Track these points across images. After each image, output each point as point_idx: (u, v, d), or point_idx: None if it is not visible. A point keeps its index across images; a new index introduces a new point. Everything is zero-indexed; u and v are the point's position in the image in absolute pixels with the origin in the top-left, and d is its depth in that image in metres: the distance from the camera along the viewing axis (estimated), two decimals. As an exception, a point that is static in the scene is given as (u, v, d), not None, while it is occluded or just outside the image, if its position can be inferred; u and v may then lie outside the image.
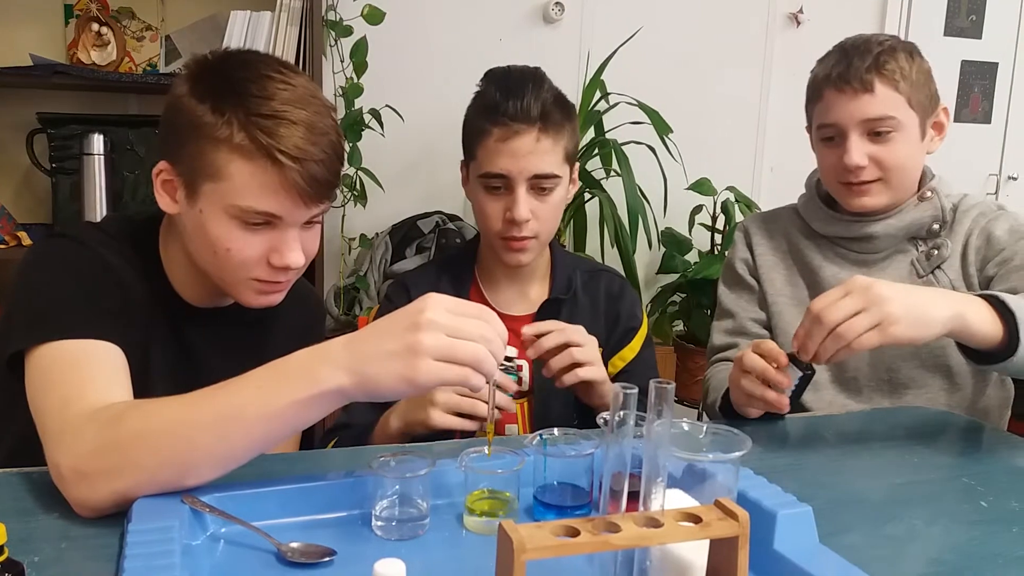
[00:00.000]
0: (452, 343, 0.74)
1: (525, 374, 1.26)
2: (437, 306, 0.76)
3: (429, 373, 0.74)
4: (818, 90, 1.33)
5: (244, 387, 0.78)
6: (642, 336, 1.34)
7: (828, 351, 1.00)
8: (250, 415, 0.77)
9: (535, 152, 1.19)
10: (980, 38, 3.37)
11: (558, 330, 1.12)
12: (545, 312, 1.27)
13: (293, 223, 0.95)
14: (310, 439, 1.17)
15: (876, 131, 1.27)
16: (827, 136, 1.32)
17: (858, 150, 1.27)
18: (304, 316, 1.19)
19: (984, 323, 1.03)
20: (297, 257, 0.96)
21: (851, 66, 1.27)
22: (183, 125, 0.94)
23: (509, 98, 1.20)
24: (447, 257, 1.47)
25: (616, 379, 1.24)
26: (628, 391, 0.66)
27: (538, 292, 1.31)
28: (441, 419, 1.05)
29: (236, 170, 0.91)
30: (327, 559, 0.73)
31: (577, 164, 1.31)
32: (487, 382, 0.78)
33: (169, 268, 1.04)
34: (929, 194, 1.34)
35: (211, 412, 0.78)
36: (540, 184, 1.21)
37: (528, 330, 1.13)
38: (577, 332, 1.13)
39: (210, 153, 0.92)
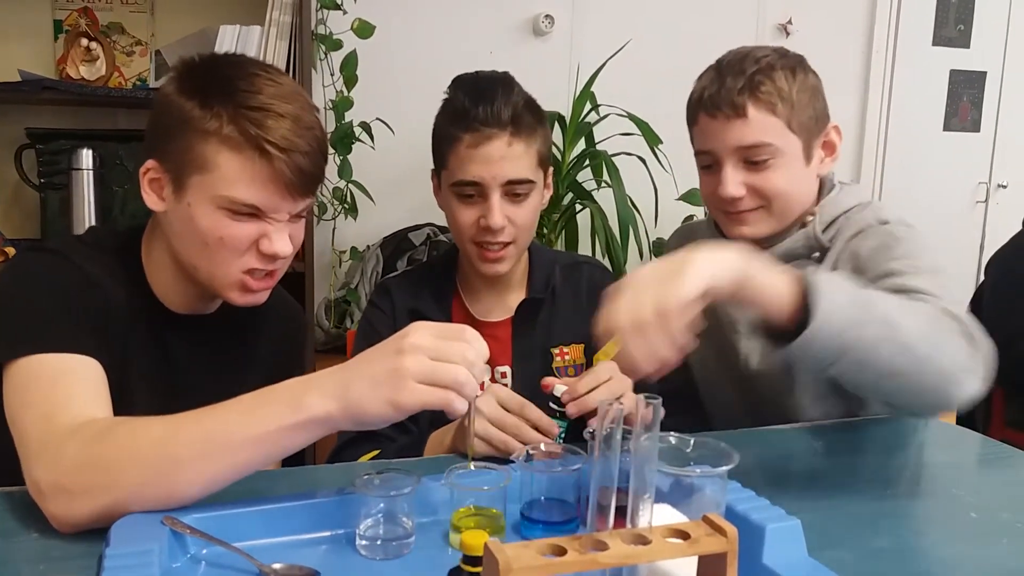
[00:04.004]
0: (434, 366, 0.74)
1: (509, 381, 1.25)
2: (421, 331, 0.76)
3: (413, 395, 0.74)
4: (693, 113, 1.23)
5: (232, 410, 0.78)
6: None
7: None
8: (237, 438, 0.76)
9: (507, 157, 1.17)
10: (968, 47, 3.39)
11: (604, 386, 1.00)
12: (522, 314, 1.26)
13: (280, 217, 0.97)
14: (300, 456, 1.16)
15: (752, 159, 1.17)
16: (704, 164, 1.24)
17: (733, 181, 1.17)
18: (286, 329, 1.19)
19: (775, 279, 0.84)
20: (285, 245, 0.97)
21: (723, 88, 1.17)
22: (171, 121, 0.95)
23: (479, 103, 1.17)
24: (430, 265, 1.43)
25: None
26: (614, 404, 0.65)
27: (516, 297, 1.29)
28: (478, 446, 0.98)
29: (224, 161, 0.93)
30: (310, 579, 0.72)
31: (551, 169, 1.28)
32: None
33: (151, 275, 1.04)
34: (810, 219, 1.22)
35: (198, 433, 0.77)
36: (514, 190, 1.19)
37: (572, 408, 1.00)
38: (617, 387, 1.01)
39: (198, 145, 0.93)
